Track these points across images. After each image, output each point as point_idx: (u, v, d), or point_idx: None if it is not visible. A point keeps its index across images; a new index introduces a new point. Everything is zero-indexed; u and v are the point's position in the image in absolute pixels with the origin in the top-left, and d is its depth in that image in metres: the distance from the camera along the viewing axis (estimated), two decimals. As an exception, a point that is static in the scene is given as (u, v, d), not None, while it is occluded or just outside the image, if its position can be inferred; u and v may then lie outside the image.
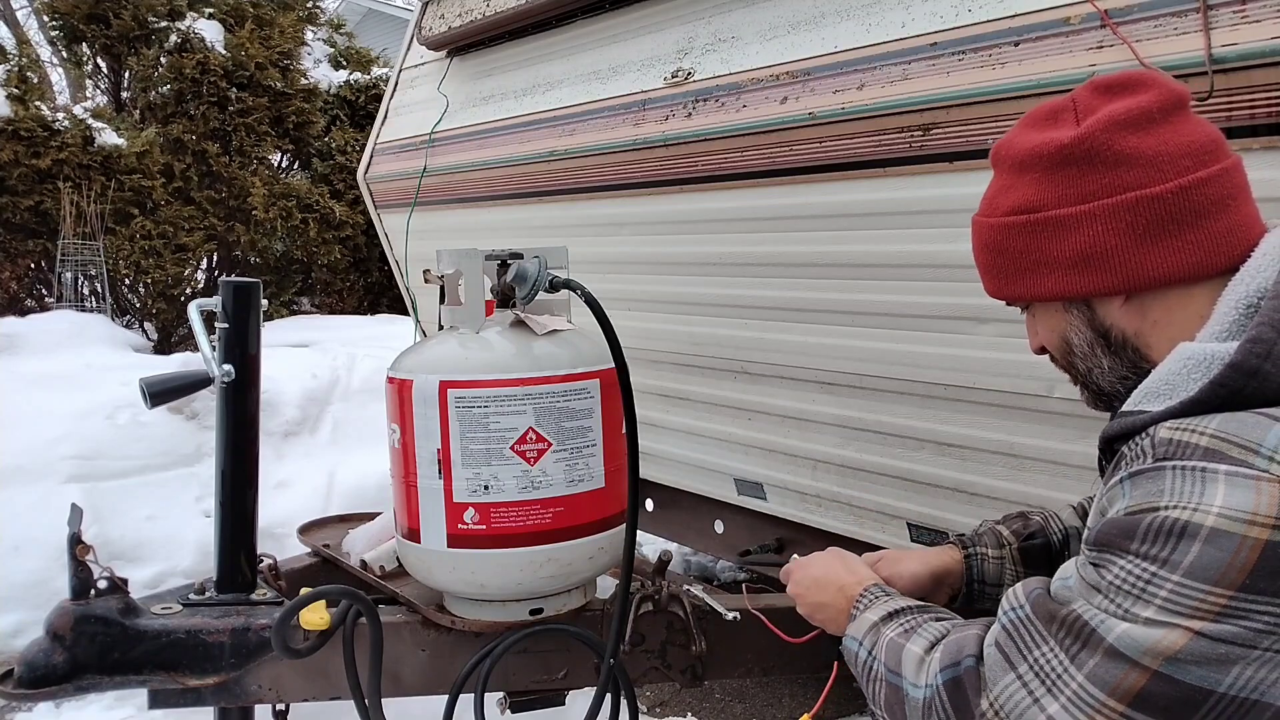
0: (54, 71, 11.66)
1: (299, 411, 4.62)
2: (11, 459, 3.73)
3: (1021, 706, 0.94)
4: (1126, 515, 0.92)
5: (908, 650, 1.10)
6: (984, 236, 1.17)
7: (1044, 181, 1.08)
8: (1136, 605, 0.88)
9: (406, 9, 15.22)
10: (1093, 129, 1.05)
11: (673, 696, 3.01)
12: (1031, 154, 1.10)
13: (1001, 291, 1.19)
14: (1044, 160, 1.08)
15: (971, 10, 1.69)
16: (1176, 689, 0.85)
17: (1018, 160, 1.12)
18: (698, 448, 2.56)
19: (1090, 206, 1.05)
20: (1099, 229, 1.05)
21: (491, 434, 1.52)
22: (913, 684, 1.07)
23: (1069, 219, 1.06)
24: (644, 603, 1.68)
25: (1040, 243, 1.09)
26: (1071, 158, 1.06)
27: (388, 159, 3.26)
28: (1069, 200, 1.06)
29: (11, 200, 7.01)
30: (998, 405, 1.85)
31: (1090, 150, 1.05)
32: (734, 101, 2.07)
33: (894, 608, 1.20)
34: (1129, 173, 1.03)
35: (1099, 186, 1.04)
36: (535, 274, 1.56)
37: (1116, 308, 1.09)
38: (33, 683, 1.55)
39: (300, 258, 8.72)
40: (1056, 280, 1.10)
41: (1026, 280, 1.13)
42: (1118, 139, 1.04)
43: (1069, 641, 0.92)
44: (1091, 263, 1.06)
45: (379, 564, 1.91)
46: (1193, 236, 1.03)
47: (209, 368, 1.77)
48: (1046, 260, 1.09)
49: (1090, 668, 0.90)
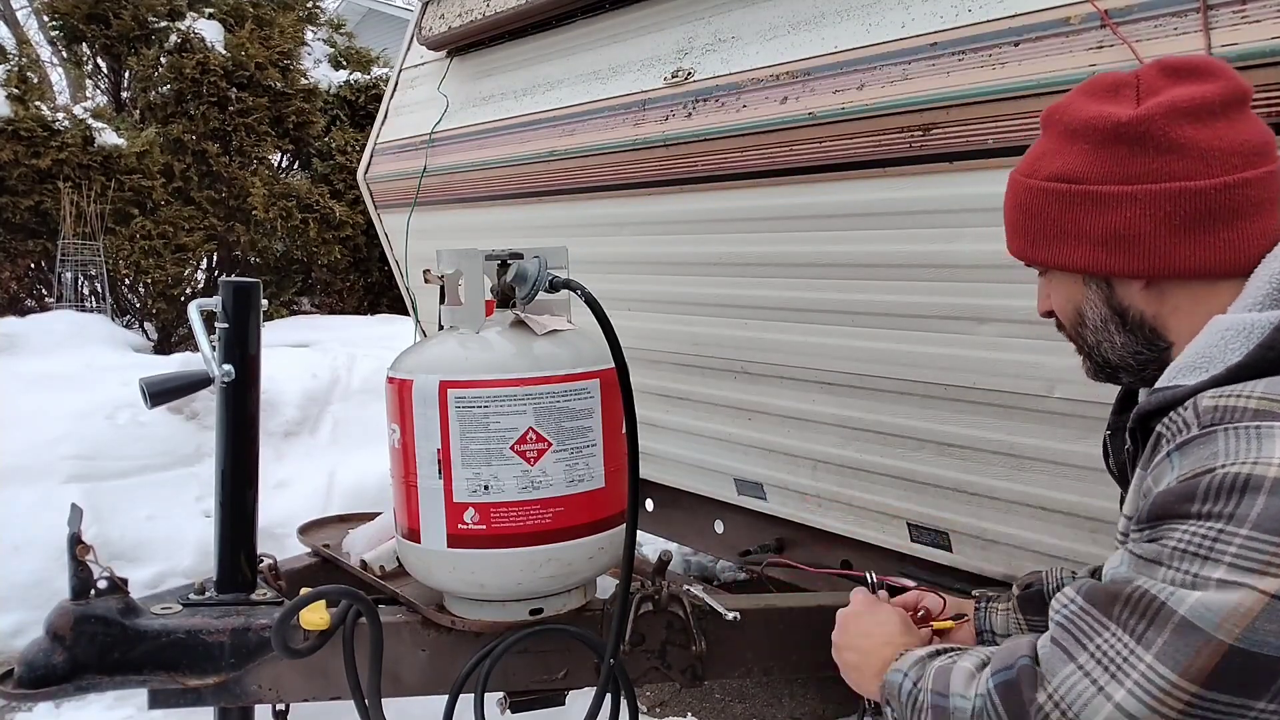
0: (54, 71, 11.65)
1: (299, 411, 4.62)
2: (11, 459, 3.73)
3: (1085, 696, 0.88)
4: (1180, 483, 0.90)
5: (958, 668, 1.04)
6: (1020, 196, 1.16)
7: (1091, 154, 1.07)
8: (1205, 567, 0.84)
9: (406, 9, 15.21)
10: (1151, 112, 1.04)
11: (673, 696, 3.01)
12: (1085, 124, 1.08)
13: (1024, 253, 1.18)
14: (1096, 133, 1.07)
15: (971, 10, 1.69)
16: (1254, 661, 0.81)
17: (1070, 127, 1.10)
18: (698, 448, 2.56)
19: (1132, 189, 1.04)
20: (1136, 212, 1.04)
21: (491, 434, 1.52)
22: (961, 696, 1.01)
23: (1108, 196, 1.05)
24: (644, 603, 1.68)
25: (1075, 214, 1.08)
26: (1124, 136, 1.04)
27: (388, 159, 3.26)
28: (1113, 178, 1.05)
29: (11, 200, 7.01)
30: (998, 405, 1.85)
31: (1145, 133, 1.03)
32: (734, 101, 2.07)
33: (937, 648, 1.15)
34: (1178, 162, 1.02)
35: (1145, 170, 1.03)
36: (535, 274, 1.56)
37: (1136, 290, 1.09)
38: (33, 683, 1.55)
39: (300, 258, 8.72)
40: (1083, 253, 1.09)
41: (1053, 247, 1.12)
42: (1174, 126, 1.03)
43: (1134, 621, 0.87)
44: (1121, 244, 1.05)
45: (379, 564, 1.91)
46: (1226, 235, 1.02)
47: (209, 368, 1.77)
48: (1077, 232, 1.09)
49: (1159, 646, 0.84)
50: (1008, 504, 1.91)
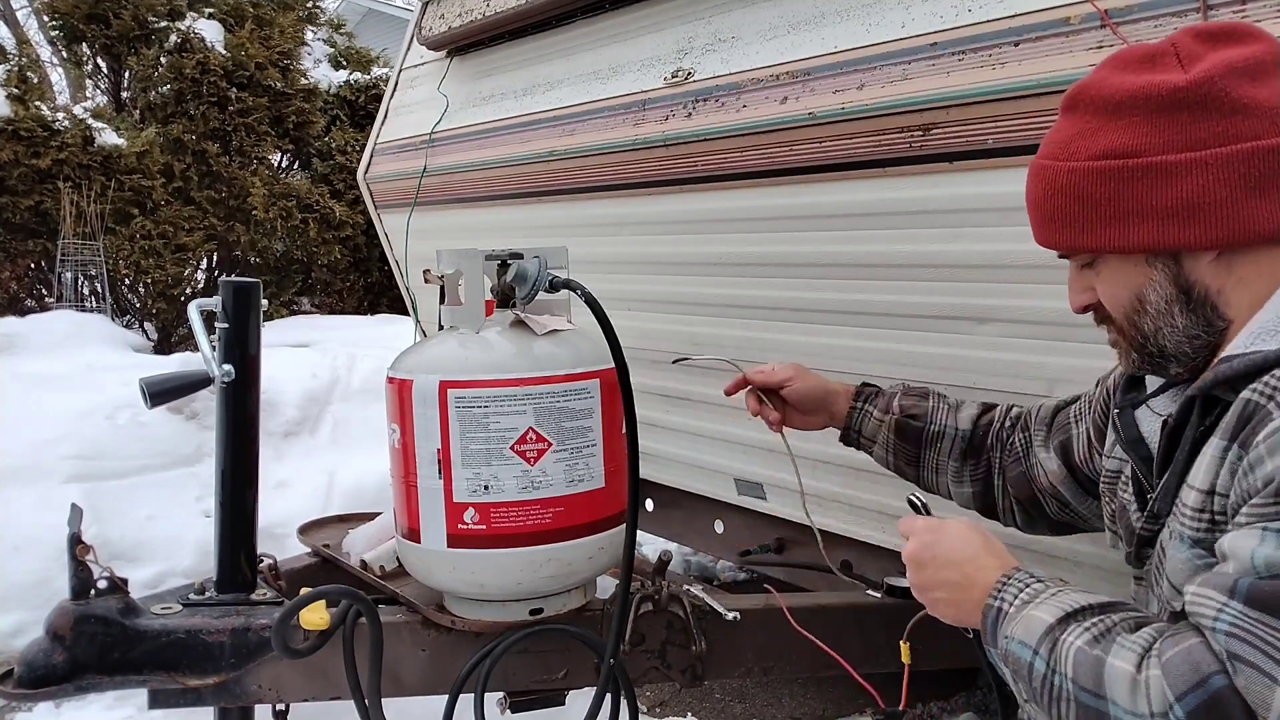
0: (54, 71, 11.66)
1: (299, 411, 4.62)
2: (11, 459, 3.73)
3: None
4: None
5: (1112, 667, 0.91)
6: (1058, 180, 1.09)
7: (1146, 126, 1.02)
8: None
9: (406, 9, 15.21)
10: (1210, 74, 1.00)
11: (673, 696, 3.01)
12: (1133, 96, 1.03)
13: (1074, 241, 1.10)
14: (1149, 103, 1.02)
15: (971, 10, 1.69)
16: None
17: (1111, 102, 1.05)
18: (698, 448, 2.56)
19: (1202, 154, 0.99)
20: (1209, 179, 0.99)
21: (491, 434, 1.52)
22: (1131, 712, 0.88)
23: (1176, 166, 1.00)
24: (644, 603, 1.68)
25: (1138, 190, 1.03)
26: (1184, 102, 1.00)
27: (388, 159, 3.26)
28: (1176, 147, 1.00)
29: (11, 200, 7.02)
30: (998, 405, 1.85)
31: (1207, 95, 0.99)
32: (734, 101, 2.07)
33: (1066, 606, 1.00)
34: (1245, 122, 0.99)
35: (1212, 134, 0.99)
36: (535, 274, 1.56)
37: (1205, 263, 1.04)
38: (33, 683, 1.55)
39: (300, 258, 8.72)
40: (1149, 230, 1.03)
41: (1114, 229, 1.05)
42: (1235, 86, 0.99)
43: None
44: (1195, 214, 1.00)
45: (379, 564, 1.91)
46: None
47: (209, 368, 1.77)
48: (1142, 209, 1.03)
49: None
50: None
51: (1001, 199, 1.68)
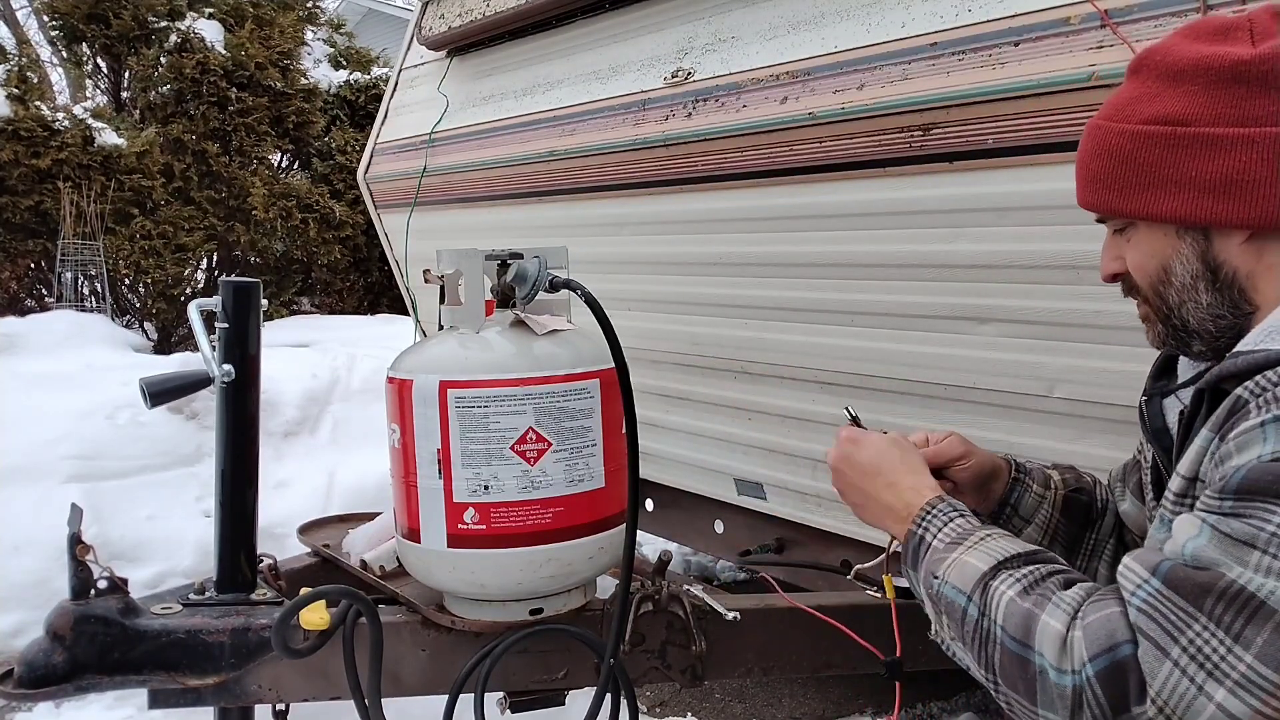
0: (54, 71, 11.66)
1: (299, 411, 4.62)
2: (11, 459, 3.73)
3: (1187, 698, 0.84)
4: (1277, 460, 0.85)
5: (1044, 624, 0.95)
6: (1107, 141, 1.08)
7: (1202, 95, 1.01)
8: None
9: (406, 9, 15.21)
10: (1276, 51, 0.99)
11: (673, 696, 3.01)
12: (1195, 64, 1.02)
13: (1110, 203, 1.10)
14: (1209, 73, 1.01)
15: (971, 10, 1.69)
16: None
17: (1174, 69, 1.04)
18: (698, 448, 2.56)
19: (1250, 131, 0.98)
20: (1253, 157, 0.98)
21: (491, 434, 1.52)
22: (1055, 666, 0.93)
23: (1221, 139, 0.99)
24: (644, 603, 1.68)
25: (1180, 159, 1.02)
26: (1244, 76, 0.99)
27: (388, 159, 3.26)
28: (1227, 120, 0.99)
29: (11, 200, 7.01)
30: (998, 405, 1.85)
31: (1268, 72, 0.98)
32: (734, 101, 2.07)
33: (996, 554, 1.05)
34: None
35: (1265, 113, 0.98)
36: (535, 274, 1.56)
37: (1235, 244, 1.03)
38: (33, 683, 1.55)
39: (300, 258, 8.72)
40: (1185, 201, 1.03)
41: (1149, 195, 1.05)
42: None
43: (1229, 617, 0.83)
44: (1233, 190, 1.00)
45: (379, 564, 1.91)
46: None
47: (209, 368, 1.77)
48: (1181, 178, 1.02)
49: (1260, 646, 0.81)
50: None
51: (1001, 199, 1.68)
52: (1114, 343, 1.61)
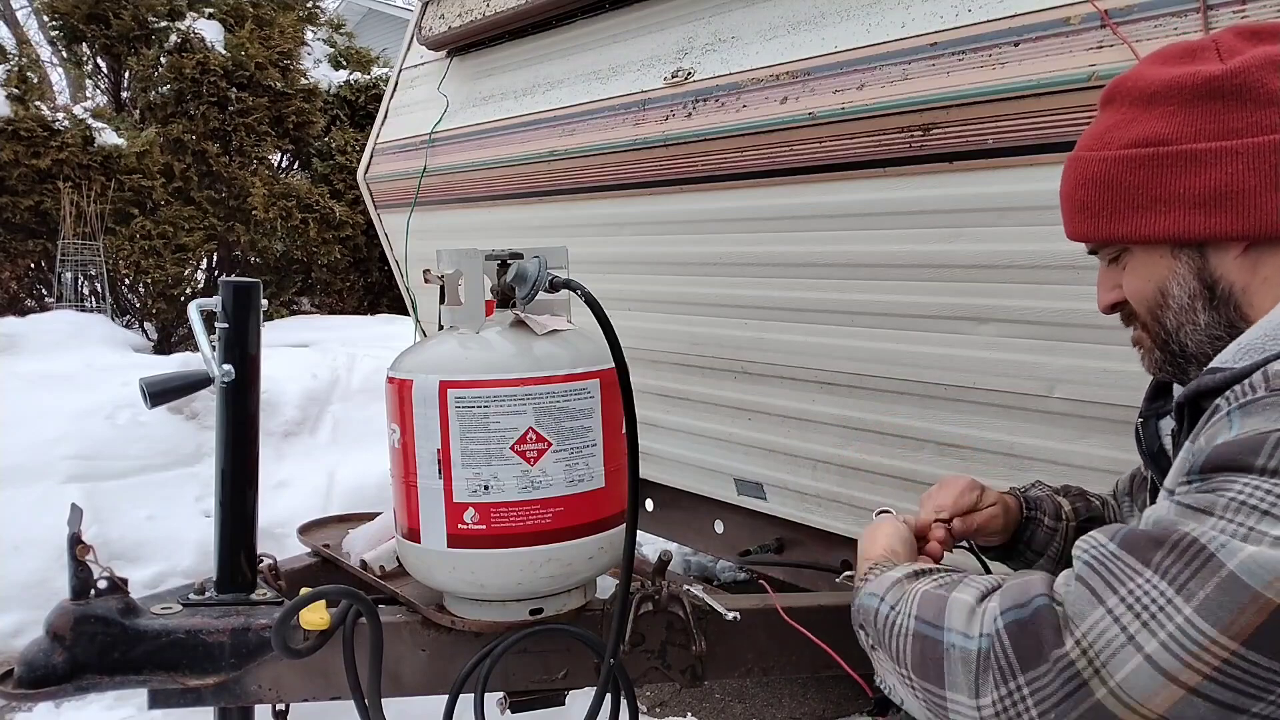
0: (54, 71, 11.66)
1: (299, 411, 4.62)
2: (11, 459, 3.73)
3: (1114, 645, 0.82)
4: (1246, 437, 0.84)
5: (954, 599, 0.95)
6: (1090, 170, 1.09)
7: (1180, 114, 1.02)
8: (1264, 522, 0.79)
9: (406, 9, 15.21)
10: (1246, 64, 1.00)
11: (673, 696, 3.01)
12: (1168, 85, 1.03)
13: (1101, 231, 1.10)
14: (1183, 92, 1.02)
15: (971, 10, 1.69)
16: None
17: (1147, 92, 1.05)
18: (698, 448, 2.56)
19: (1233, 143, 0.99)
20: (1239, 167, 0.99)
21: (491, 434, 1.52)
22: (963, 634, 0.91)
23: (1206, 154, 1.00)
24: (644, 603, 1.68)
25: (1167, 177, 1.02)
26: (1218, 91, 1.00)
27: (388, 159, 3.26)
28: (1208, 135, 1.00)
29: (11, 200, 7.02)
30: (998, 405, 1.85)
31: (1241, 85, 0.99)
32: (734, 101, 2.07)
33: (924, 567, 1.07)
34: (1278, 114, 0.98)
35: (1243, 124, 0.99)
36: (535, 274, 1.56)
37: (1232, 257, 1.03)
38: (33, 683, 1.55)
39: (300, 258, 8.72)
40: (1177, 218, 1.03)
41: (1140, 217, 1.05)
42: (1272, 78, 0.99)
43: (1176, 568, 0.81)
44: (1223, 202, 1.00)
45: (379, 564, 1.91)
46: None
47: (209, 368, 1.77)
48: (1170, 196, 1.02)
49: (1202, 599, 0.79)
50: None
51: (1001, 199, 1.68)
52: (1114, 343, 1.61)
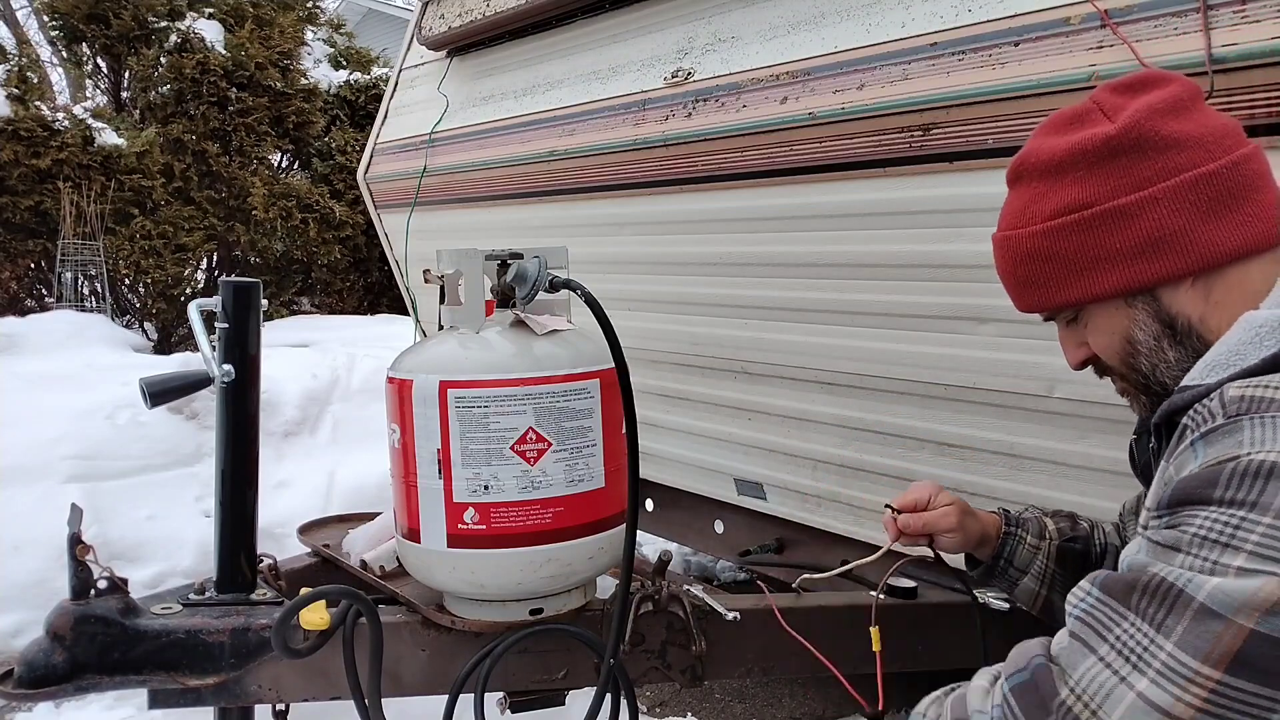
0: (54, 71, 11.66)
1: (299, 411, 4.62)
2: (11, 459, 3.73)
3: (1107, 687, 0.86)
4: (1204, 469, 0.88)
5: (973, 688, 1.02)
6: (1022, 247, 1.14)
7: (1090, 177, 1.07)
8: (1225, 555, 0.83)
9: (406, 9, 15.21)
10: (1136, 118, 1.05)
11: (673, 696, 3.01)
12: (1070, 153, 1.08)
13: (1051, 300, 1.15)
14: (1087, 156, 1.07)
15: (971, 10, 1.69)
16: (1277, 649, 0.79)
17: (1053, 164, 1.10)
18: (698, 448, 2.56)
19: (1150, 191, 1.04)
20: (1163, 212, 1.04)
21: (491, 434, 1.52)
22: (979, 711, 0.98)
23: (1129, 207, 1.05)
24: (644, 603, 1.68)
25: (1099, 237, 1.07)
26: (1119, 148, 1.05)
27: (388, 159, 3.26)
28: (1124, 189, 1.05)
29: (11, 200, 7.02)
30: (998, 405, 1.85)
31: (1139, 138, 1.04)
32: (734, 101, 2.07)
33: (956, 685, 1.12)
34: (1181, 154, 1.04)
35: (1154, 171, 1.04)
36: (535, 274, 1.56)
37: (1183, 292, 1.07)
38: (33, 683, 1.55)
39: (300, 258, 8.72)
40: (1122, 272, 1.07)
41: (1085, 280, 1.10)
42: (1162, 124, 1.04)
43: (1153, 609, 0.85)
44: (1160, 246, 1.05)
45: (379, 564, 1.91)
46: (1250, 209, 1.04)
47: (209, 368, 1.77)
48: (1109, 254, 1.07)
49: (1180, 634, 0.82)
50: (1008, 504, 1.91)
51: (1001, 199, 1.67)
52: (1114, 343, 1.61)
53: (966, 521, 1.46)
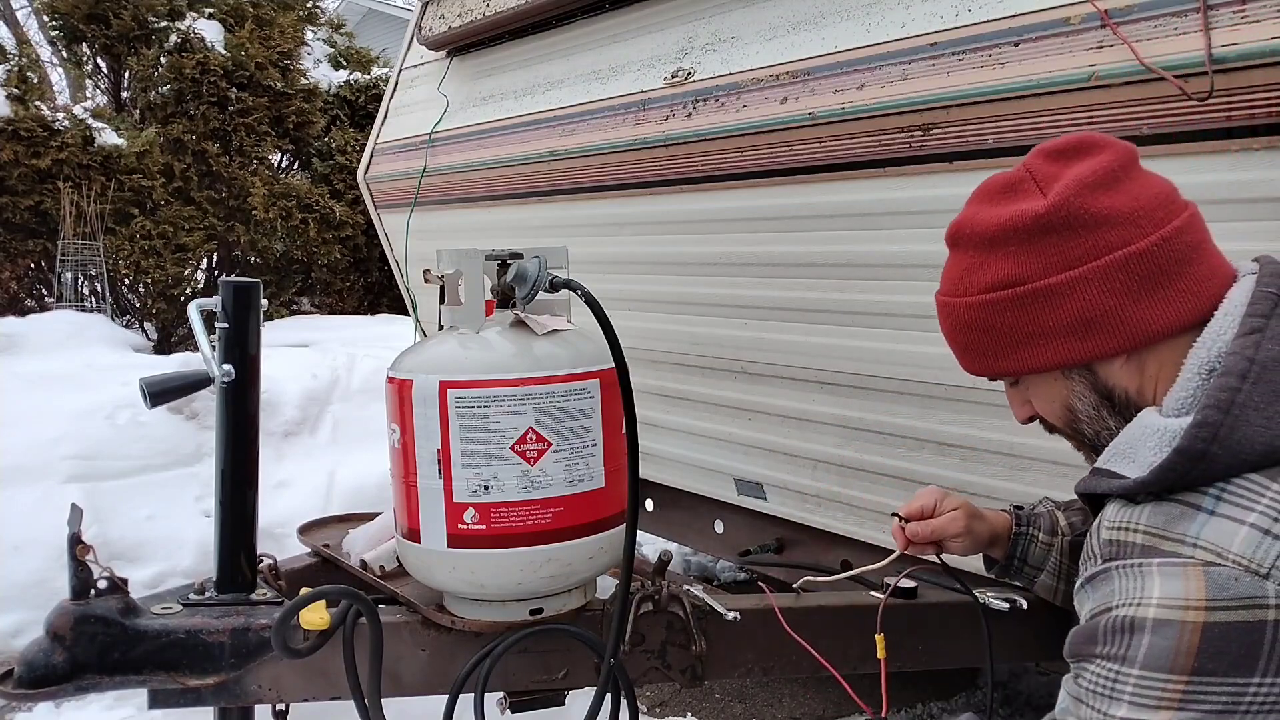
0: (54, 71, 11.66)
1: (299, 411, 4.62)
2: (11, 459, 3.73)
3: None
4: (1088, 621, 0.99)
5: None
6: (961, 316, 1.15)
7: (1022, 254, 1.06)
8: (1111, 706, 0.93)
9: (406, 9, 15.21)
10: (1065, 195, 1.04)
11: (673, 696, 3.01)
12: (1003, 229, 1.08)
13: (991, 368, 1.17)
14: (1019, 233, 1.06)
15: (971, 10, 1.69)
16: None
17: (986, 236, 1.10)
18: (698, 448, 2.56)
19: (1080, 271, 1.03)
20: (1094, 292, 1.03)
21: (491, 434, 1.52)
22: None
23: (1060, 286, 1.05)
24: (644, 603, 1.68)
25: (1032, 314, 1.07)
26: (1050, 226, 1.04)
27: (388, 159, 3.26)
28: (1055, 268, 1.05)
29: (11, 200, 7.01)
30: (998, 405, 1.84)
31: (1069, 216, 1.04)
32: (734, 101, 2.07)
33: None
34: (1111, 232, 1.03)
35: (1084, 250, 1.03)
36: (535, 274, 1.56)
37: (1118, 367, 1.08)
38: (33, 683, 1.55)
39: (300, 258, 8.72)
40: (1056, 349, 1.08)
41: (1020, 353, 1.11)
42: (1092, 201, 1.03)
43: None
44: (1092, 326, 1.05)
45: (379, 564, 1.91)
46: (1181, 285, 1.03)
47: (209, 368, 1.77)
48: (1042, 331, 1.08)
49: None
50: (1008, 505, 1.91)
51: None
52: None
53: (974, 525, 1.47)
